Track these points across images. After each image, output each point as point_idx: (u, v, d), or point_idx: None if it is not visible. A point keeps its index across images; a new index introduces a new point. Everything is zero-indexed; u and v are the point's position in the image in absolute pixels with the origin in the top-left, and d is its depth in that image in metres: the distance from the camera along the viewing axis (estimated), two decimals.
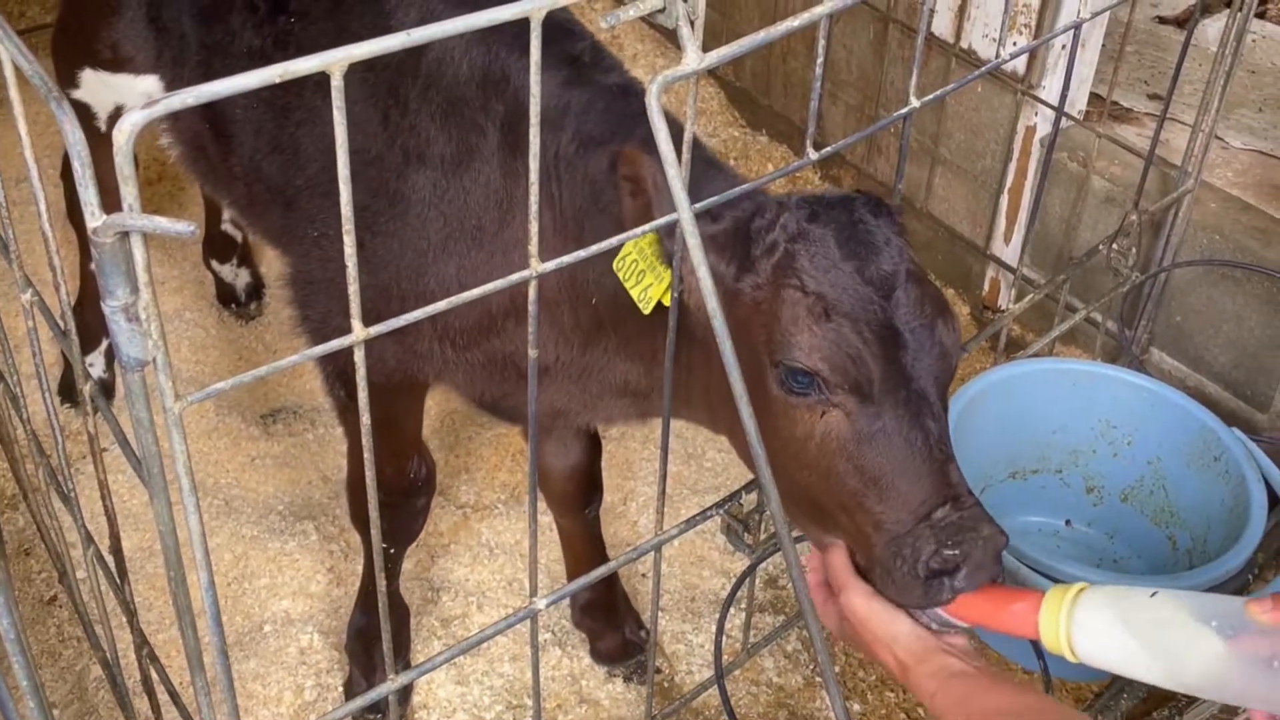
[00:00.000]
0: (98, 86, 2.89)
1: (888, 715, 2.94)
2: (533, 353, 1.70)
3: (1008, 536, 1.67)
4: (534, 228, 1.58)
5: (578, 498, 2.87)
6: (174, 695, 2.01)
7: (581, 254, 1.66)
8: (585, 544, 2.96)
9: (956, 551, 1.63)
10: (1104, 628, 1.50)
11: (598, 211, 2.05)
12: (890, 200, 1.89)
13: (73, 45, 2.92)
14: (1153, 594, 1.48)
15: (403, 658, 2.89)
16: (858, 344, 1.69)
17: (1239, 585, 2.66)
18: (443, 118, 2.18)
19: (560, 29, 2.18)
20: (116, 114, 2.88)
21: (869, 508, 1.71)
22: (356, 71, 2.21)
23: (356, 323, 1.46)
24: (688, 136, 1.71)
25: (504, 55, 2.14)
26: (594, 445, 2.83)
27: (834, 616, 1.82)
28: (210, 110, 2.55)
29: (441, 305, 1.53)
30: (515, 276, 1.60)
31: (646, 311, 1.89)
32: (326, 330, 2.36)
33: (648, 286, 1.88)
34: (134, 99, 2.76)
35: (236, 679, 2.88)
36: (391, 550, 2.69)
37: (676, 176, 1.62)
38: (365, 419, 1.53)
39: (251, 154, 2.47)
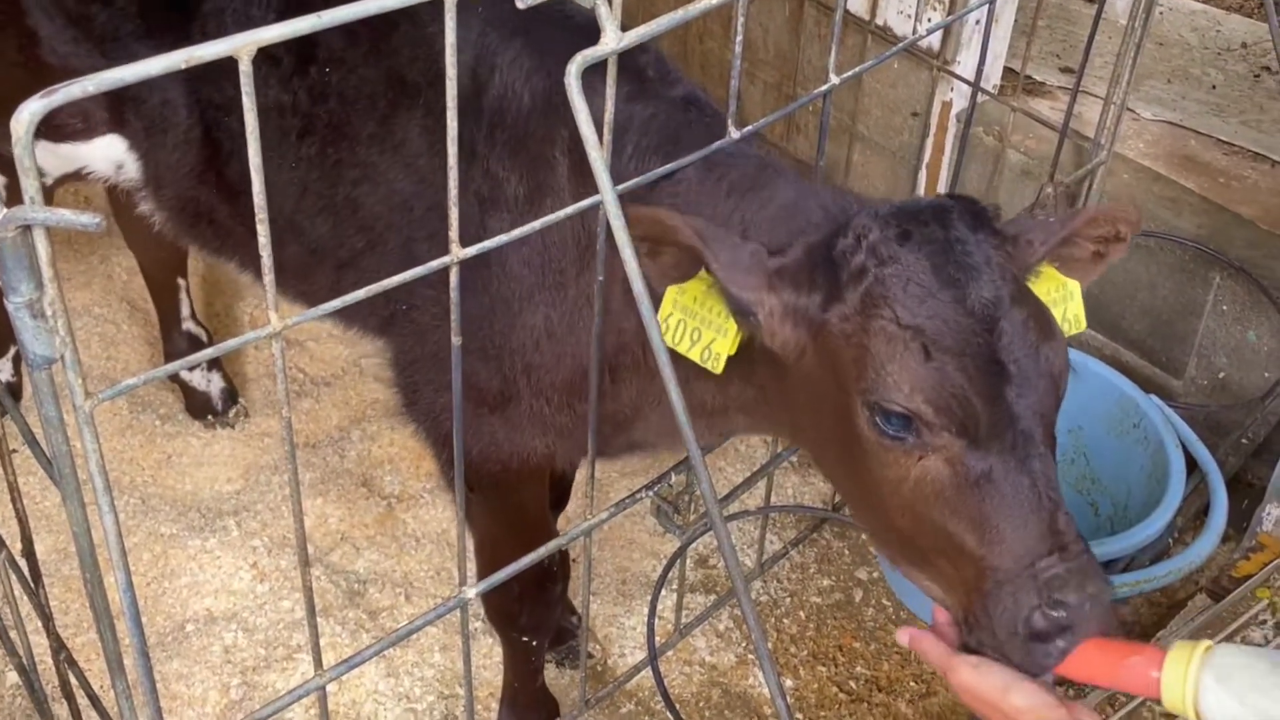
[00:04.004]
0: (45, 155, 2.71)
1: (820, 689, 2.96)
2: (455, 340, 1.68)
3: (1114, 589, 1.57)
4: (454, 214, 1.55)
5: (551, 499, 2.82)
6: (94, 699, 1.96)
7: (502, 239, 1.64)
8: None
9: (1062, 613, 1.52)
10: (1235, 694, 1.41)
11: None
12: (988, 204, 1.72)
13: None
14: None
15: None
16: (962, 384, 1.52)
17: (1159, 549, 2.71)
18: (510, 156, 2.03)
19: None
20: (64, 178, 2.69)
21: (968, 554, 1.57)
22: (416, 122, 2.14)
23: (273, 314, 1.43)
24: (608, 117, 1.69)
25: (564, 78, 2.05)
26: None
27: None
28: (220, 172, 2.36)
29: (360, 294, 1.50)
30: (436, 263, 1.58)
31: (717, 371, 1.75)
32: (437, 413, 2.19)
33: (710, 344, 1.74)
34: (91, 161, 2.55)
35: (159, 680, 2.82)
36: (533, 642, 2.56)
37: (599, 159, 1.60)
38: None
39: (291, 215, 2.27)
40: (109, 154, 2.50)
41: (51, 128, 2.48)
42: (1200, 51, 4.22)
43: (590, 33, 1.55)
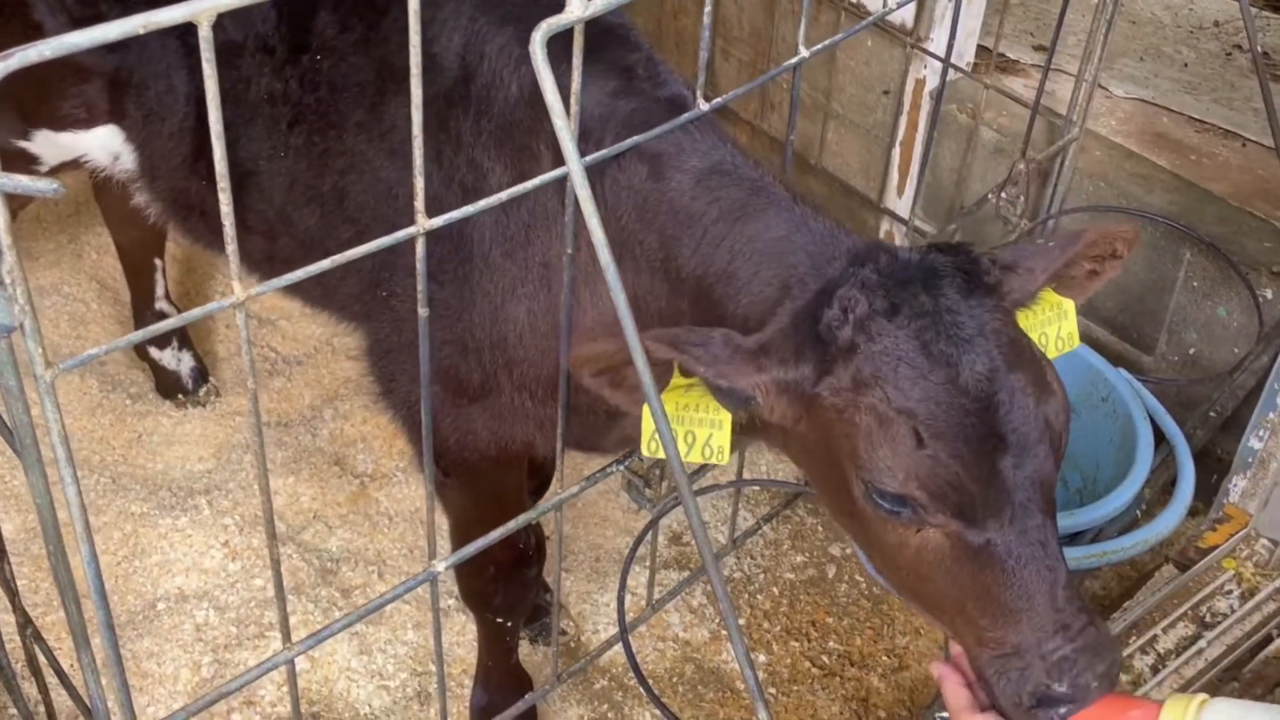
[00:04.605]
0: (44, 144, 2.69)
1: (793, 664, 2.97)
2: (423, 311, 1.67)
3: (1120, 658, 1.59)
4: (419, 183, 1.54)
5: (533, 485, 2.82)
6: (62, 675, 1.95)
7: (469, 209, 1.63)
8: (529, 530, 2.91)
9: (1067, 690, 1.53)
10: None
11: (642, 225, 1.89)
12: (977, 252, 1.66)
13: (21, 108, 2.69)
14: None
15: None
16: (956, 470, 1.50)
17: (1127, 521, 2.72)
18: (496, 146, 1.99)
19: (613, 37, 2.00)
20: (62, 166, 2.66)
21: (972, 621, 1.58)
22: (404, 109, 2.06)
23: (237, 284, 1.42)
24: (575, 87, 1.68)
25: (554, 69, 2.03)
26: None
27: None
28: (211, 164, 2.35)
29: (325, 264, 1.49)
30: (402, 233, 1.56)
31: (725, 462, 1.73)
32: (414, 402, 2.17)
33: (708, 440, 1.71)
34: (90, 150, 2.51)
35: (130, 658, 2.81)
36: (508, 624, 2.57)
37: (565, 128, 1.59)
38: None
39: (282, 206, 2.25)
40: (107, 144, 2.47)
41: (54, 117, 2.48)
42: (1173, 30, 4.24)
43: (593, 21, 1.53)
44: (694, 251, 1.82)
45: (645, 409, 1.67)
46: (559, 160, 1.92)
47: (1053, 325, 1.76)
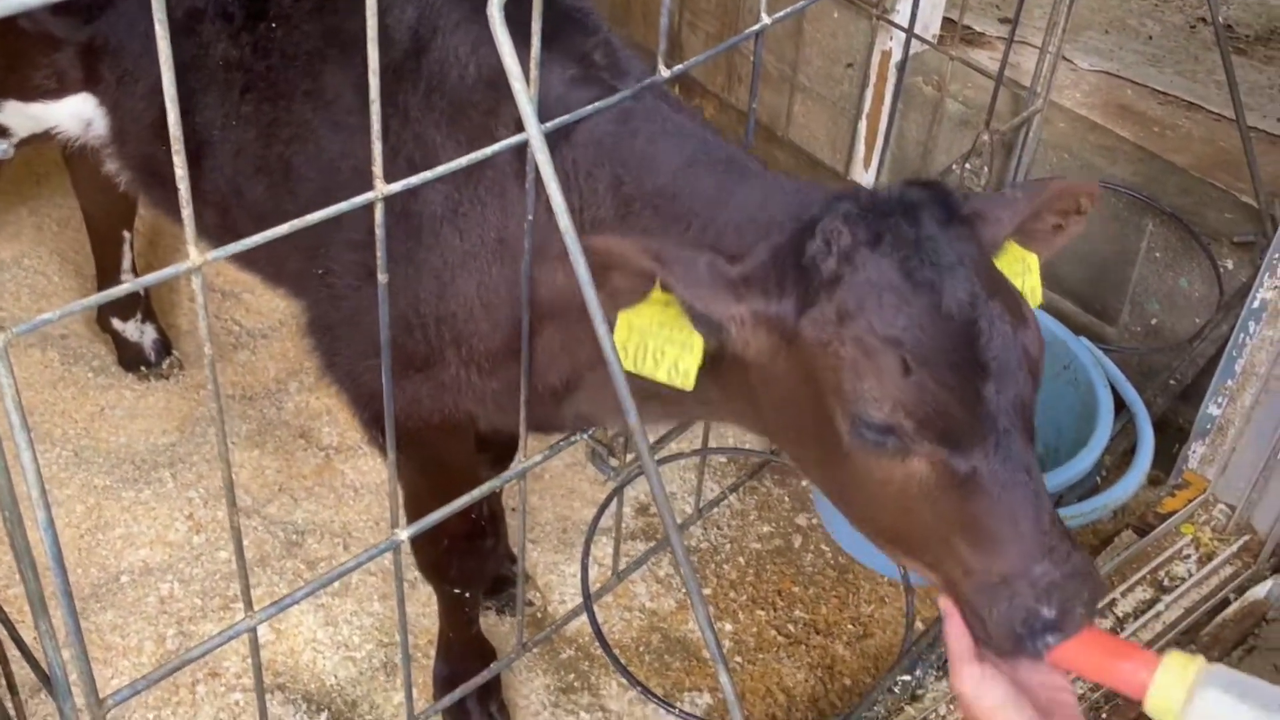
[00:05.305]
0: (14, 115, 2.66)
1: (759, 633, 2.99)
2: (382, 277, 1.66)
3: (1105, 586, 1.60)
4: (377, 147, 1.53)
5: (494, 456, 2.81)
6: (22, 645, 1.94)
7: (428, 175, 1.62)
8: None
9: (1055, 615, 1.52)
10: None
11: (601, 211, 1.89)
12: (953, 187, 1.68)
13: None
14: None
15: (495, 699, 2.77)
16: (942, 395, 1.50)
17: (1088, 487, 2.75)
18: (449, 124, 1.97)
19: (570, 21, 1.99)
20: (32, 138, 2.63)
21: (958, 555, 1.56)
22: (350, 80, 2.10)
23: (192, 249, 1.41)
24: (534, 52, 1.67)
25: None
26: None
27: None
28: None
29: (283, 229, 1.48)
30: (360, 199, 1.55)
31: (689, 388, 1.71)
32: (357, 374, 2.17)
33: (676, 362, 1.69)
34: (61, 120, 2.49)
35: (94, 631, 2.80)
36: (466, 594, 2.55)
37: (524, 91, 1.59)
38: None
39: (232, 176, 2.23)
40: (79, 111, 2.45)
41: (25, 88, 2.45)
42: (1137, 2, 4.26)
43: (550, 3, 1.51)
44: (670, 219, 1.82)
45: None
46: (521, 146, 1.93)
47: (1018, 279, 1.75)
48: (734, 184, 1.81)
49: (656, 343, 1.69)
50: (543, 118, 1.65)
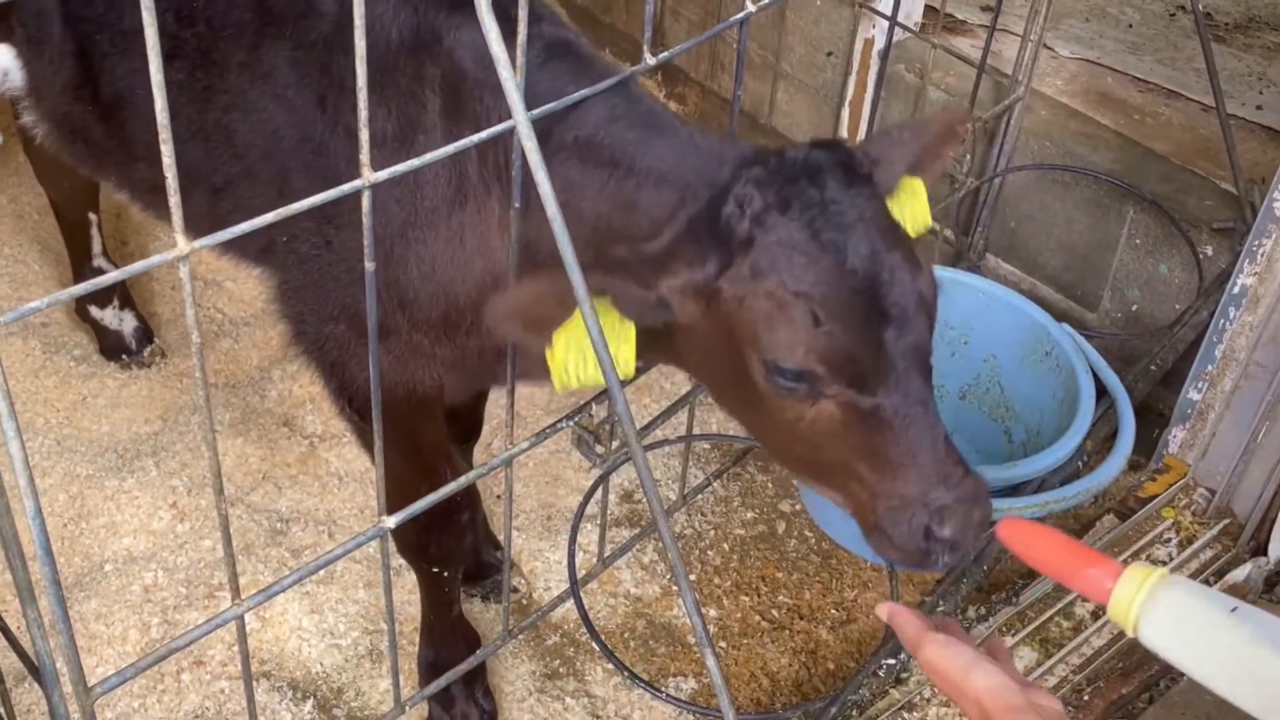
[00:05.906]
0: None
1: (744, 618, 3.01)
2: (369, 265, 1.66)
3: (992, 509, 1.77)
4: (364, 135, 1.53)
5: (460, 432, 2.82)
6: (8, 634, 1.93)
7: (415, 163, 1.62)
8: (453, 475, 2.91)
9: (949, 533, 1.72)
10: (1177, 628, 1.46)
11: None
12: (853, 147, 1.83)
13: None
14: (1233, 609, 1.44)
15: (481, 685, 2.77)
16: (849, 342, 1.66)
17: (1069, 472, 2.77)
18: (377, 90, 2.01)
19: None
20: None
21: (865, 483, 1.74)
22: (284, 54, 2.12)
23: (180, 237, 1.41)
24: (521, 39, 1.67)
25: (431, 14, 2.01)
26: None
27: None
28: (94, 92, 2.33)
29: (269, 217, 1.48)
30: (348, 186, 1.56)
31: (630, 375, 1.80)
32: (322, 340, 2.21)
33: (615, 356, 1.73)
34: None
35: (78, 620, 2.79)
36: (445, 573, 2.56)
37: (511, 79, 1.59)
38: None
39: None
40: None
41: None
42: None
43: None
44: (597, 193, 1.91)
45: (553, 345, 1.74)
46: (448, 106, 2.00)
47: (908, 205, 1.90)
48: (653, 137, 1.92)
49: (585, 346, 1.75)
50: (471, 69, 1.66)
